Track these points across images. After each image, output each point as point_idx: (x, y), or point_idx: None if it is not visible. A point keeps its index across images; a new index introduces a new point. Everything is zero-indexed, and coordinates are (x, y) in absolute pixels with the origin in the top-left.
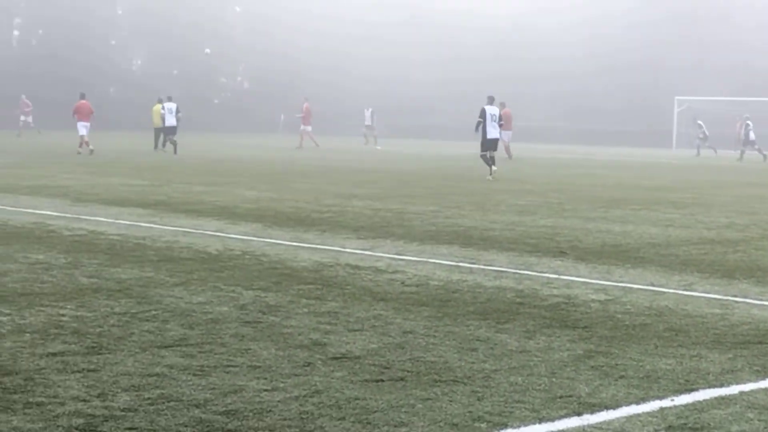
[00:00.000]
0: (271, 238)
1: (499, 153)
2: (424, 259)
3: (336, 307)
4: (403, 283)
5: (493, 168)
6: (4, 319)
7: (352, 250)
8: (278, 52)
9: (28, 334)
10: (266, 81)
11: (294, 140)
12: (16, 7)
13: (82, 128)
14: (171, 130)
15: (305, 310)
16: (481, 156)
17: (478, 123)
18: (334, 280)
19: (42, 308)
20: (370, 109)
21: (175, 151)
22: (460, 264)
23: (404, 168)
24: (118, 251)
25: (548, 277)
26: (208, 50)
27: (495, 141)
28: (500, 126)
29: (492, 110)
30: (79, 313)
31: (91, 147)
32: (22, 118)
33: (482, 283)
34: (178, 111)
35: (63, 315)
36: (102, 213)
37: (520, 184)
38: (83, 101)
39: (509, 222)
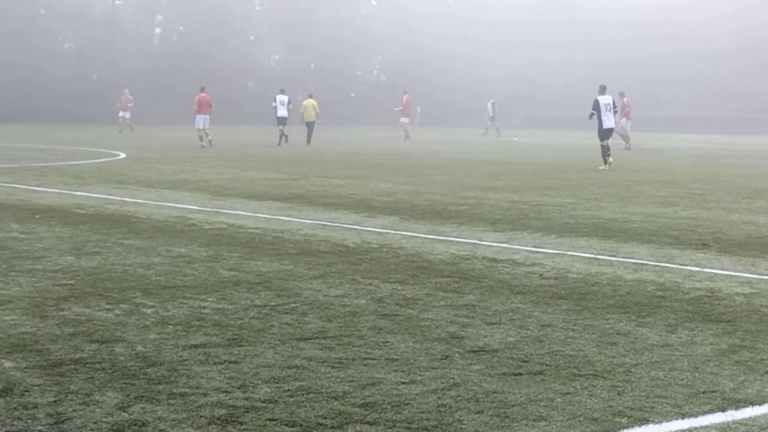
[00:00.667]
0: (407, 231)
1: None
2: (563, 252)
3: (473, 300)
4: (541, 275)
5: (610, 161)
6: (149, 311)
7: (489, 242)
8: (414, 44)
9: (171, 326)
10: (402, 73)
11: (420, 133)
12: (158, 5)
13: (201, 121)
14: (282, 121)
15: (442, 303)
16: (601, 146)
17: (591, 114)
18: (471, 273)
19: (184, 301)
20: (492, 101)
21: (286, 141)
22: (599, 256)
23: (541, 159)
24: (257, 244)
25: (690, 270)
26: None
27: (610, 130)
28: (615, 114)
29: (605, 100)
30: (220, 306)
31: (210, 138)
32: (121, 113)
33: (622, 276)
34: (289, 103)
35: (204, 307)
36: (241, 207)
37: (660, 174)
38: (203, 94)
39: (649, 214)
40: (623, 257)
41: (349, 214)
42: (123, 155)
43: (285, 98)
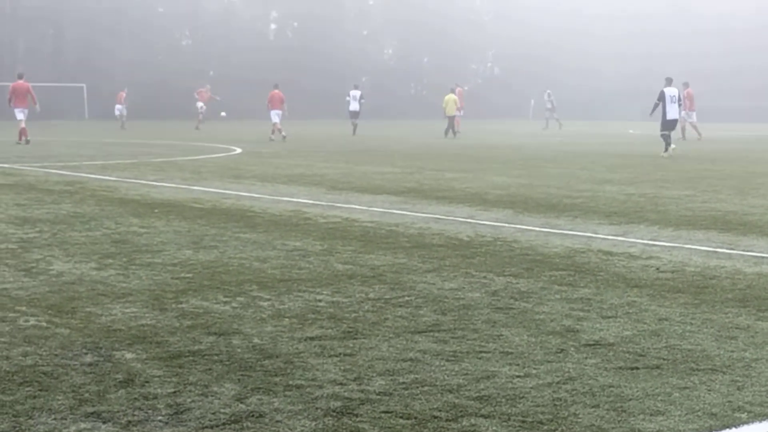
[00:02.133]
0: (522, 224)
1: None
2: (680, 245)
3: (588, 293)
4: (657, 269)
5: (673, 146)
6: (265, 304)
7: (604, 236)
8: (527, 37)
9: (287, 319)
10: (516, 67)
11: (532, 125)
12: (273, 1)
13: (275, 116)
14: (354, 115)
15: (557, 296)
16: (662, 135)
17: (656, 105)
18: (587, 267)
19: (300, 294)
20: (548, 91)
21: (354, 132)
22: (718, 250)
23: (655, 151)
24: (371, 238)
25: None
26: (223, 113)
27: (675, 121)
28: (680, 106)
29: (671, 91)
30: (335, 299)
31: (283, 134)
32: (201, 104)
33: (742, 269)
34: (362, 98)
35: (319, 300)
36: (355, 200)
37: None
38: (276, 91)
39: None
40: (743, 250)
41: (463, 207)
42: (239, 150)
43: (358, 93)
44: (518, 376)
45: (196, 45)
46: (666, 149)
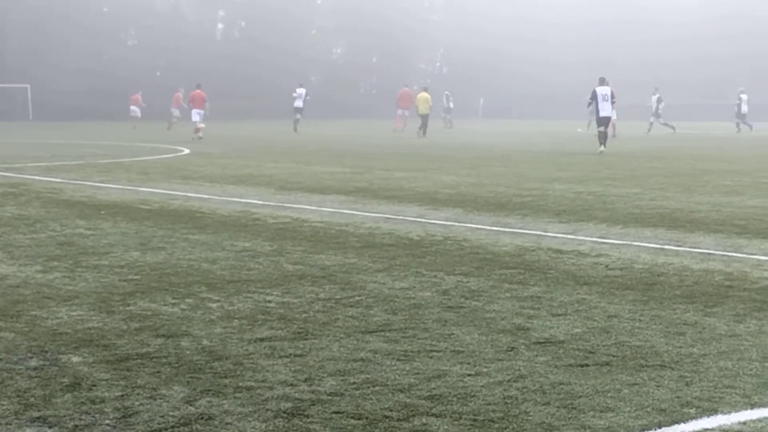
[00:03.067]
0: (472, 223)
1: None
2: (628, 243)
3: (539, 291)
4: (607, 266)
5: (603, 147)
6: (214, 305)
7: (554, 234)
8: (476, 37)
9: (236, 320)
10: (465, 66)
11: (483, 125)
12: (220, 1)
13: (196, 115)
14: (298, 110)
15: (507, 294)
16: (598, 132)
17: (589, 103)
18: (537, 265)
19: (249, 295)
20: (447, 92)
21: (295, 129)
22: (666, 247)
23: (606, 150)
24: (321, 238)
25: (758, 259)
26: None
27: (607, 118)
28: (613, 104)
29: (603, 91)
30: (285, 300)
31: (200, 134)
32: (176, 111)
33: (689, 266)
34: (306, 95)
35: (269, 301)
36: (305, 201)
37: (727, 164)
38: (197, 91)
39: (716, 203)
40: (690, 247)
41: (413, 206)
42: (187, 151)
43: (303, 91)
44: (469, 375)
45: (143, 45)
46: (602, 142)
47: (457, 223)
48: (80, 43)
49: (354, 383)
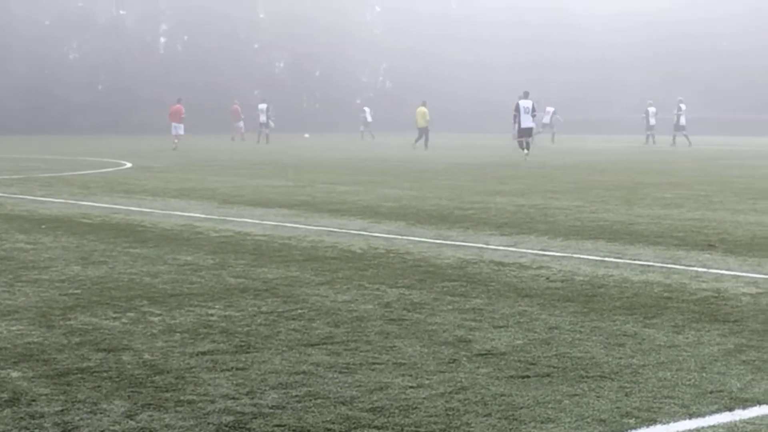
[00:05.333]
0: (414, 236)
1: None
2: (569, 255)
3: (480, 303)
4: (548, 278)
5: (526, 151)
6: (156, 319)
7: (495, 246)
8: (419, 51)
9: (178, 334)
10: (408, 80)
11: (437, 138)
12: (163, 15)
13: (174, 128)
14: (263, 125)
15: (450, 307)
16: (518, 141)
17: (515, 116)
18: (478, 277)
19: (191, 308)
20: (365, 108)
21: (259, 141)
22: (606, 259)
23: (549, 163)
24: (264, 251)
25: (697, 271)
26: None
27: (529, 129)
28: (533, 117)
29: (525, 104)
30: (227, 313)
31: (175, 145)
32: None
33: (629, 277)
34: (268, 110)
35: (212, 315)
36: (248, 214)
37: (666, 176)
38: (176, 105)
39: (655, 216)
40: (630, 259)
41: (356, 220)
42: (129, 165)
43: (265, 106)
44: (411, 387)
45: (84, 58)
46: (524, 148)
47: (399, 236)
48: (19, 54)
49: (296, 396)
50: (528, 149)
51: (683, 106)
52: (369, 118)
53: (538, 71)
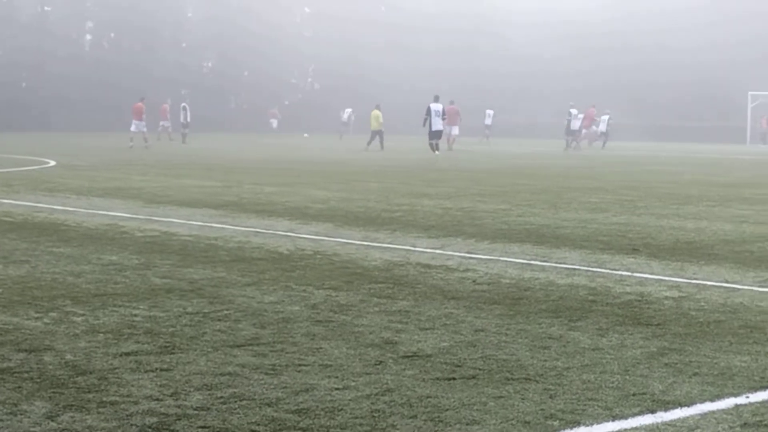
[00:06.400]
0: (341, 238)
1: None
2: (496, 258)
3: (407, 305)
4: (474, 281)
5: (437, 153)
6: (78, 319)
7: (422, 249)
8: (348, 52)
9: (101, 334)
10: (336, 81)
11: (356, 141)
12: (89, 11)
13: (134, 126)
14: (185, 125)
15: (376, 309)
16: (429, 143)
17: (425, 119)
18: (405, 279)
19: (115, 308)
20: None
21: (181, 141)
22: (532, 262)
23: (476, 167)
24: (190, 252)
25: (621, 275)
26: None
27: (439, 132)
28: (444, 120)
29: (436, 107)
30: (152, 313)
31: (131, 142)
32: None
33: (554, 281)
34: (184, 108)
35: (136, 315)
36: (174, 214)
37: (592, 181)
38: (139, 103)
39: (581, 219)
40: (555, 262)
41: (283, 221)
42: (53, 163)
43: (183, 104)
44: (337, 389)
45: (7, 55)
46: (434, 151)
47: (327, 238)
48: None
49: (221, 397)
50: (438, 150)
51: (574, 111)
52: (345, 118)
53: (462, 77)
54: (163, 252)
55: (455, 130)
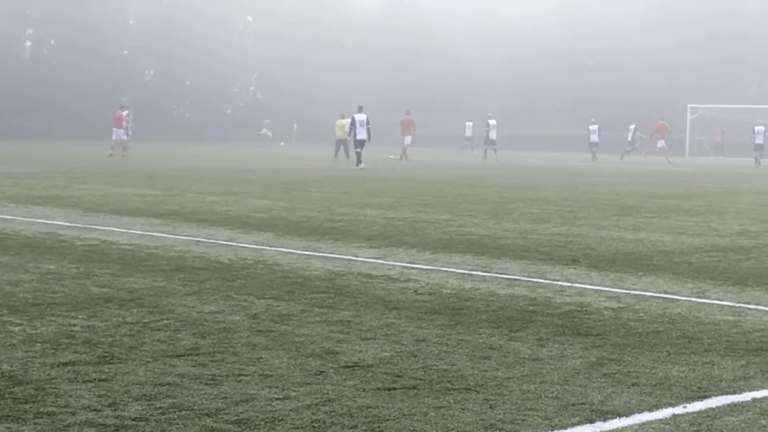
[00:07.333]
0: (283, 248)
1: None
2: (437, 268)
3: (348, 315)
4: (415, 291)
5: (362, 164)
6: (16, 329)
7: (364, 258)
8: (291, 62)
9: (39, 344)
10: (279, 91)
11: (297, 150)
12: (29, 18)
13: (115, 134)
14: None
15: (317, 318)
16: (356, 152)
17: (350, 129)
18: (347, 289)
19: (53, 318)
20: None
21: (114, 152)
22: (473, 272)
23: (418, 177)
24: (130, 261)
25: (561, 285)
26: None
27: (362, 141)
28: (368, 129)
29: (360, 117)
30: (90, 323)
31: (111, 151)
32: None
33: (495, 291)
34: (128, 115)
35: (74, 325)
36: (114, 223)
37: (533, 192)
38: (119, 112)
39: (522, 230)
40: (496, 273)
41: (225, 230)
42: None
43: (125, 112)
44: (277, 399)
45: None
46: (357, 164)
47: (268, 247)
48: None
49: (160, 408)
50: (361, 163)
51: (492, 122)
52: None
53: (400, 80)
54: (102, 261)
55: (408, 140)
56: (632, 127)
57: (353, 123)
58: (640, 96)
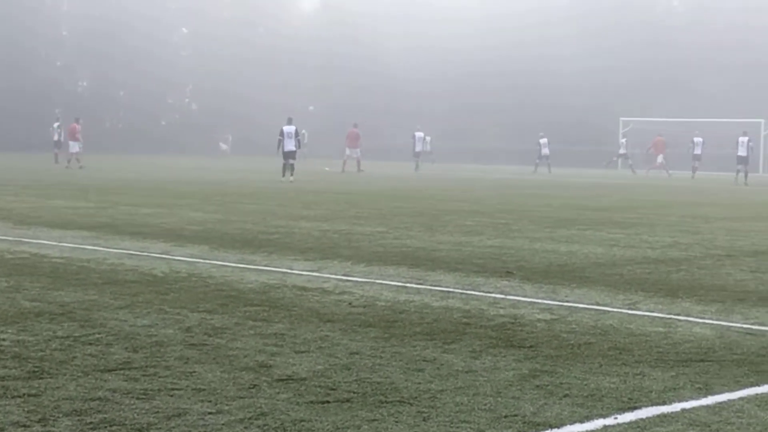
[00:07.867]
0: (217, 260)
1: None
2: (372, 280)
3: (282, 328)
4: (350, 304)
5: (291, 177)
6: None
7: (299, 271)
8: (226, 73)
9: None
10: (214, 102)
11: (234, 161)
12: None
13: (72, 146)
14: (57, 144)
15: (251, 332)
16: (283, 164)
17: (279, 141)
18: (281, 302)
19: None
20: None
21: (54, 160)
22: (408, 285)
23: (352, 189)
24: (61, 274)
25: (495, 297)
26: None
27: (292, 152)
28: (297, 141)
29: (288, 129)
30: (20, 337)
31: (80, 164)
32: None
33: (429, 303)
34: (59, 127)
35: (3, 339)
36: (45, 236)
37: (468, 204)
38: (74, 124)
39: (456, 242)
40: (431, 285)
41: (158, 243)
42: None
43: (57, 124)
44: (210, 413)
45: None
46: (284, 175)
47: (202, 260)
48: None
49: (90, 423)
50: (292, 173)
51: (419, 134)
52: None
53: (335, 96)
54: (33, 274)
55: (357, 153)
56: (623, 141)
57: (282, 134)
58: (570, 112)
